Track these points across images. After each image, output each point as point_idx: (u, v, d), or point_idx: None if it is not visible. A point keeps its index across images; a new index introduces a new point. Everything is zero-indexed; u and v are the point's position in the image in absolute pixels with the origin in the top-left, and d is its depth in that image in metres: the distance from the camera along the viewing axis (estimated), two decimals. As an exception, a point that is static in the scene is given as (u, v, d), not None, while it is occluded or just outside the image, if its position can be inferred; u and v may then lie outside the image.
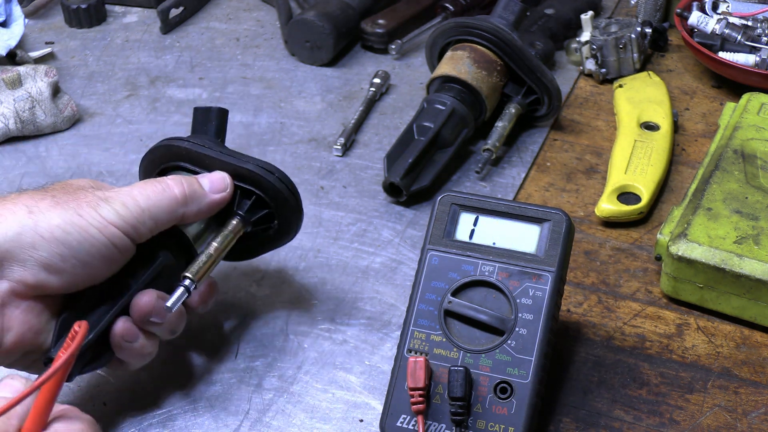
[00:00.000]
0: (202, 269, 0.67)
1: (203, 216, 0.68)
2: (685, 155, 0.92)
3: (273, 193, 0.70)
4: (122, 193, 0.64)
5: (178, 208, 0.66)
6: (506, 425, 0.61)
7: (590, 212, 0.85)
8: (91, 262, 0.62)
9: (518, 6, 0.94)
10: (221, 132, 0.74)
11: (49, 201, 0.61)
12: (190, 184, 0.67)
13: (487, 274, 0.65)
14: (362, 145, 0.95)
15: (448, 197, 0.68)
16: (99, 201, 0.62)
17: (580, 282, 0.78)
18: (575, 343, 0.73)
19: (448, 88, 0.91)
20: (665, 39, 1.07)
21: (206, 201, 0.67)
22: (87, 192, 0.63)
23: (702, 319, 0.75)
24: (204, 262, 0.67)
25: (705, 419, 0.67)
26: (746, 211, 0.76)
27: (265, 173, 0.70)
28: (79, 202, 0.62)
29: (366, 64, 1.08)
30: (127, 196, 0.64)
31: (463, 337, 0.64)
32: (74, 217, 0.61)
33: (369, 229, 0.84)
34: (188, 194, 0.66)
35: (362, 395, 0.69)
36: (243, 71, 1.07)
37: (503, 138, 0.91)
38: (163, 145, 0.71)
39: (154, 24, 1.16)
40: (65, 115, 0.98)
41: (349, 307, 0.77)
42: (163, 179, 0.66)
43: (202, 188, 0.67)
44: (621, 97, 0.97)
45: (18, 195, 0.62)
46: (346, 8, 1.08)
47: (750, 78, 0.96)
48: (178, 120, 0.99)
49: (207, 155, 0.70)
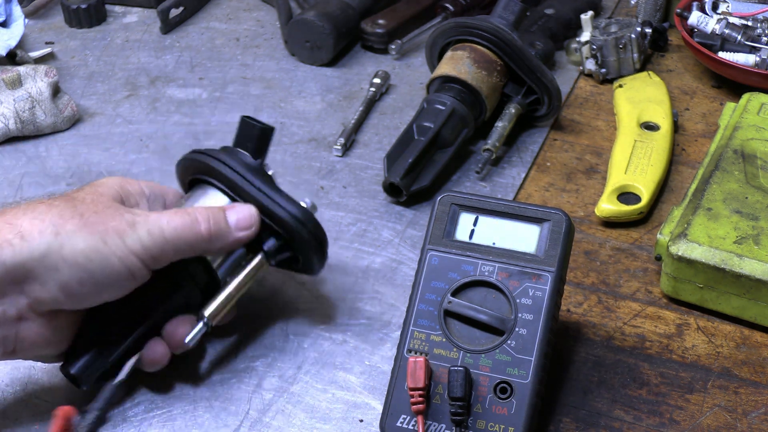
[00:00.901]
0: (219, 308, 0.68)
1: (226, 251, 0.69)
2: (685, 155, 0.92)
3: (301, 244, 0.70)
4: (150, 220, 0.64)
5: (202, 244, 0.66)
6: (506, 425, 0.61)
7: (590, 212, 0.85)
8: (107, 286, 0.63)
9: (518, 6, 0.94)
10: (261, 151, 0.72)
11: (77, 221, 0.61)
12: (216, 221, 0.66)
13: (487, 274, 0.65)
14: (362, 145, 0.95)
15: (448, 197, 0.68)
16: (126, 227, 0.63)
17: (580, 282, 0.78)
18: (575, 343, 0.73)
19: (448, 88, 0.91)
20: (665, 39, 1.07)
21: (231, 239, 0.67)
22: (116, 213, 0.63)
23: (702, 319, 0.75)
24: (222, 303, 0.68)
25: (705, 419, 0.67)
26: (746, 211, 0.76)
27: (296, 225, 0.69)
28: (107, 226, 0.62)
29: (366, 64, 1.08)
30: (155, 224, 0.64)
31: (463, 337, 0.64)
32: (99, 244, 0.61)
33: (369, 229, 0.84)
34: (213, 232, 0.66)
35: (362, 395, 0.69)
36: (243, 71, 1.07)
37: (503, 138, 0.91)
38: (196, 159, 0.71)
39: (154, 24, 1.16)
40: (65, 115, 0.98)
41: (349, 307, 0.77)
42: (193, 212, 0.66)
43: (227, 225, 0.67)
44: (621, 97, 0.97)
45: (48, 207, 0.62)
46: (346, 8, 1.08)
47: (750, 78, 0.96)
48: (178, 120, 0.99)
49: (236, 184, 0.69)
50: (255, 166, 0.70)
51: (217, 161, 0.69)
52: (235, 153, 0.71)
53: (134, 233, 0.63)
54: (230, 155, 0.70)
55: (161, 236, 0.64)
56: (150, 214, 0.65)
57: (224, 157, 0.70)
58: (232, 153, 0.71)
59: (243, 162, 0.70)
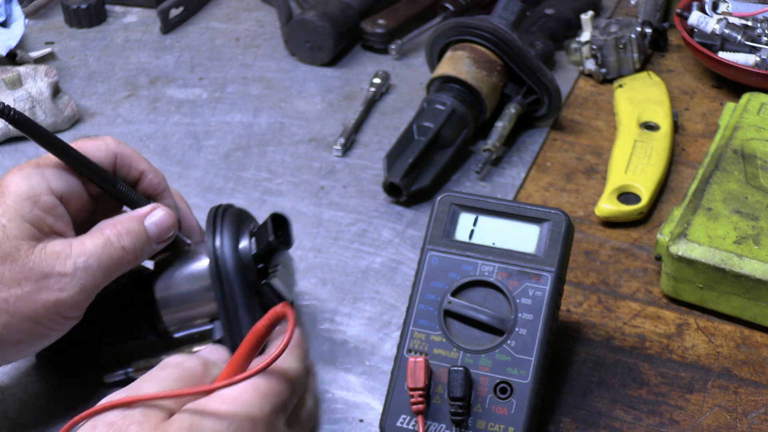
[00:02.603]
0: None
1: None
2: (685, 155, 0.92)
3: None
4: (60, 267, 0.59)
5: (126, 266, 0.63)
6: (506, 425, 0.61)
7: (590, 212, 0.85)
8: (31, 346, 0.62)
9: (518, 6, 0.94)
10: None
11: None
12: (133, 236, 0.62)
13: (487, 274, 0.65)
14: (362, 145, 0.95)
15: (447, 197, 0.68)
16: (32, 289, 0.58)
17: (580, 282, 0.78)
18: (575, 343, 0.73)
19: (448, 88, 0.91)
20: (665, 39, 1.07)
21: (153, 248, 0.64)
22: (18, 271, 0.58)
23: (702, 319, 0.75)
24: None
25: (705, 419, 0.67)
26: (746, 211, 0.75)
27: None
28: (8, 296, 0.58)
29: (366, 64, 1.08)
30: (70, 266, 0.59)
31: (463, 337, 0.64)
32: (7, 319, 0.59)
33: (369, 229, 0.84)
34: (134, 248, 0.62)
35: (362, 395, 0.69)
36: (243, 71, 1.07)
37: (503, 138, 0.91)
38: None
39: (154, 24, 1.16)
40: (65, 115, 0.98)
41: (349, 307, 0.77)
42: (108, 233, 0.61)
43: (147, 236, 0.63)
44: (621, 97, 0.97)
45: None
46: (346, 8, 1.08)
47: (750, 78, 0.96)
48: (178, 120, 1.00)
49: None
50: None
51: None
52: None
53: (44, 292, 0.58)
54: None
55: (78, 282, 0.59)
56: (58, 252, 0.59)
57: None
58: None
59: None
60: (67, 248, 0.59)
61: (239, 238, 0.65)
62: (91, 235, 0.61)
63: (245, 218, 0.68)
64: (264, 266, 0.65)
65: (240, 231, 0.66)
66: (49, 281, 0.59)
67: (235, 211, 0.68)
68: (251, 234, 0.66)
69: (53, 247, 0.59)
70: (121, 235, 0.61)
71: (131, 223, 0.62)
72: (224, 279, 0.64)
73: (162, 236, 0.64)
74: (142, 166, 0.66)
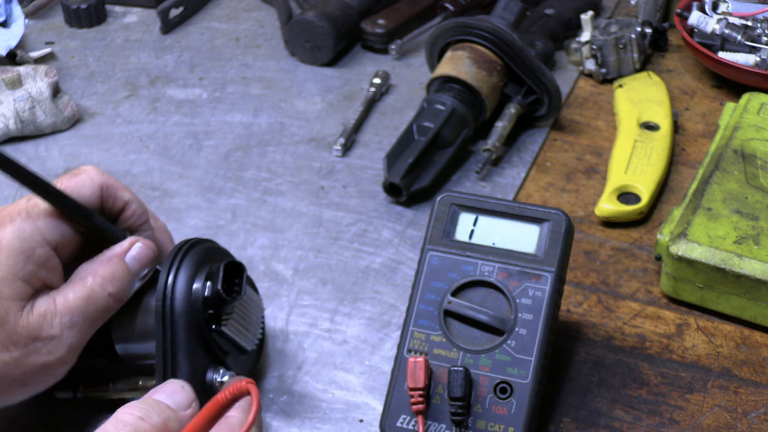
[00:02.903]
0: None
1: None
2: (685, 155, 0.92)
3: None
4: (47, 330, 0.58)
5: (111, 310, 0.61)
6: (506, 425, 0.61)
7: (590, 212, 0.85)
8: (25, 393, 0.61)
9: (518, 6, 0.94)
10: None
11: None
12: (117, 280, 0.60)
13: (487, 274, 0.65)
14: (362, 145, 0.95)
15: (447, 197, 0.68)
16: (21, 353, 0.57)
17: (580, 282, 0.78)
18: (575, 343, 0.73)
19: (448, 88, 0.91)
20: (665, 39, 1.07)
21: (136, 285, 0.62)
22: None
23: (702, 319, 0.75)
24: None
25: (705, 419, 0.67)
26: (746, 211, 0.75)
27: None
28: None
29: (366, 64, 1.08)
30: (55, 327, 0.58)
31: (463, 337, 0.64)
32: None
33: (369, 229, 0.84)
34: (118, 292, 0.61)
35: (362, 395, 0.69)
36: (243, 71, 1.07)
37: (503, 138, 0.91)
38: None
39: (154, 24, 1.16)
40: (65, 115, 0.98)
41: (349, 307, 0.77)
42: (90, 281, 0.60)
43: (130, 275, 0.61)
44: (621, 97, 0.97)
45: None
46: (346, 8, 1.08)
47: (750, 78, 0.96)
48: (178, 120, 0.99)
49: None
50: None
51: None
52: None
53: (33, 356, 0.58)
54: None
55: (66, 342, 0.58)
56: (44, 314, 0.58)
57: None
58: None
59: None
60: (52, 306, 0.58)
61: (195, 279, 0.62)
62: (74, 286, 0.59)
63: (213, 256, 0.64)
64: (216, 312, 0.62)
65: (198, 271, 0.62)
66: (37, 345, 0.58)
67: (203, 248, 0.64)
68: (207, 276, 0.62)
69: (39, 308, 0.58)
70: (105, 282, 0.60)
71: (113, 266, 0.60)
72: (168, 319, 0.60)
73: (144, 270, 0.62)
74: (126, 197, 0.64)
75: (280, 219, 0.86)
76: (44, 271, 0.59)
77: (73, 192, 0.60)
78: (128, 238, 0.62)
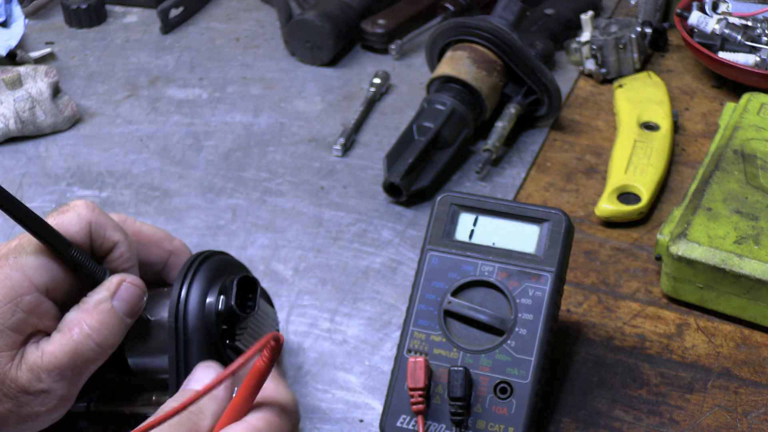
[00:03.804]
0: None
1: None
2: (685, 155, 0.92)
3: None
4: (40, 386, 0.56)
5: (100, 360, 0.58)
6: (506, 425, 0.61)
7: (590, 212, 0.85)
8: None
9: (518, 6, 0.94)
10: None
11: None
12: (104, 327, 0.57)
13: (487, 274, 0.65)
14: (362, 145, 0.95)
15: (447, 197, 0.68)
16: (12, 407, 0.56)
17: (580, 282, 0.78)
18: (575, 343, 0.73)
19: (448, 88, 0.91)
20: (665, 39, 1.07)
21: (124, 328, 0.59)
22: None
23: (702, 319, 0.75)
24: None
25: (705, 419, 0.67)
26: (746, 211, 0.75)
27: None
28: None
29: (366, 64, 1.08)
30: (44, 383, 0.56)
31: (463, 337, 0.64)
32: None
33: (369, 229, 0.84)
34: (104, 340, 0.58)
35: (362, 395, 0.69)
36: (243, 71, 1.07)
37: (503, 138, 0.91)
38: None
39: (154, 24, 1.16)
40: (65, 115, 0.98)
41: (349, 307, 0.77)
42: (77, 329, 0.57)
43: (119, 318, 0.58)
44: (621, 97, 0.97)
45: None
46: (346, 8, 1.08)
47: (750, 78, 0.96)
48: (178, 120, 1.00)
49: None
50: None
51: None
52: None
53: (25, 408, 0.56)
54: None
55: (56, 395, 0.57)
56: (31, 367, 0.56)
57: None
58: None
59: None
60: (39, 361, 0.56)
61: (208, 293, 0.60)
62: (61, 338, 0.57)
63: (227, 269, 0.63)
64: (229, 327, 0.61)
65: (212, 285, 0.61)
66: (28, 398, 0.56)
67: (216, 261, 0.63)
68: (221, 290, 0.61)
69: (28, 361, 0.56)
70: (92, 332, 0.57)
71: (100, 314, 0.57)
72: (181, 335, 0.59)
73: (134, 310, 0.59)
74: (115, 238, 0.60)
75: (280, 219, 0.86)
76: (35, 318, 0.57)
77: (59, 229, 0.57)
78: (115, 277, 0.59)
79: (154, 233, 0.65)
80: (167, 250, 0.65)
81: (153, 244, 0.64)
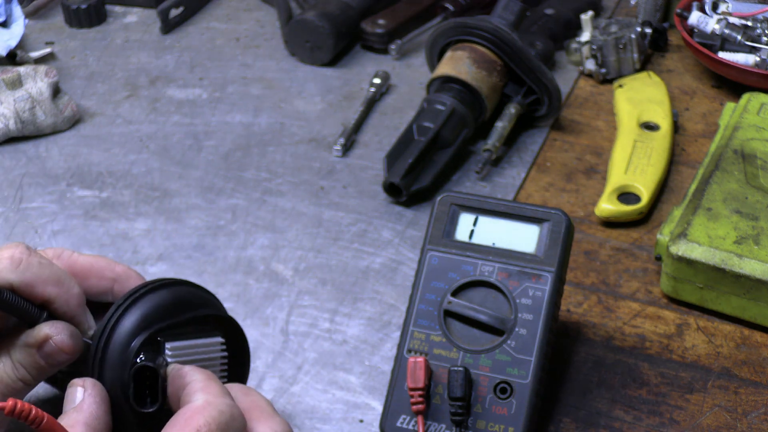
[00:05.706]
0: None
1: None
2: (685, 155, 0.92)
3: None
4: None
5: (26, 391, 0.57)
6: (506, 425, 0.61)
7: (590, 212, 0.85)
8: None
9: (518, 6, 0.94)
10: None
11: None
12: (30, 368, 0.56)
13: (487, 274, 0.65)
14: (362, 145, 0.95)
15: (447, 197, 0.68)
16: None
17: (580, 282, 0.78)
18: (575, 343, 0.73)
19: (448, 88, 0.91)
20: (665, 39, 1.07)
21: (56, 368, 0.57)
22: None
23: (702, 319, 0.75)
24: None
25: (705, 419, 0.67)
26: (746, 211, 0.75)
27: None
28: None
29: (366, 64, 1.08)
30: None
31: (463, 337, 0.64)
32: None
33: (369, 230, 0.84)
34: (27, 383, 0.56)
35: (362, 395, 0.69)
36: (243, 71, 1.07)
37: (503, 138, 0.91)
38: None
39: (154, 24, 1.16)
40: (65, 115, 0.98)
41: (349, 307, 0.77)
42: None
43: (49, 361, 0.56)
44: (621, 97, 0.97)
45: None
46: (346, 8, 1.08)
47: (750, 78, 0.96)
48: (178, 120, 0.99)
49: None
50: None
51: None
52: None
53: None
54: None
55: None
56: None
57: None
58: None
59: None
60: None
61: (133, 340, 0.56)
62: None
63: (166, 311, 0.57)
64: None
65: (143, 329, 0.56)
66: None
67: (163, 296, 0.58)
68: (146, 340, 0.56)
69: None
70: (17, 367, 0.56)
71: (27, 356, 0.56)
72: (97, 376, 0.56)
73: (58, 364, 0.56)
74: (47, 294, 0.56)
75: (280, 219, 0.86)
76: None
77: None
78: (44, 329, 0.55)
79: (92, 264, 0.61)
80: (109, 278, 0.61)
81: (92, 275, 0.61)
